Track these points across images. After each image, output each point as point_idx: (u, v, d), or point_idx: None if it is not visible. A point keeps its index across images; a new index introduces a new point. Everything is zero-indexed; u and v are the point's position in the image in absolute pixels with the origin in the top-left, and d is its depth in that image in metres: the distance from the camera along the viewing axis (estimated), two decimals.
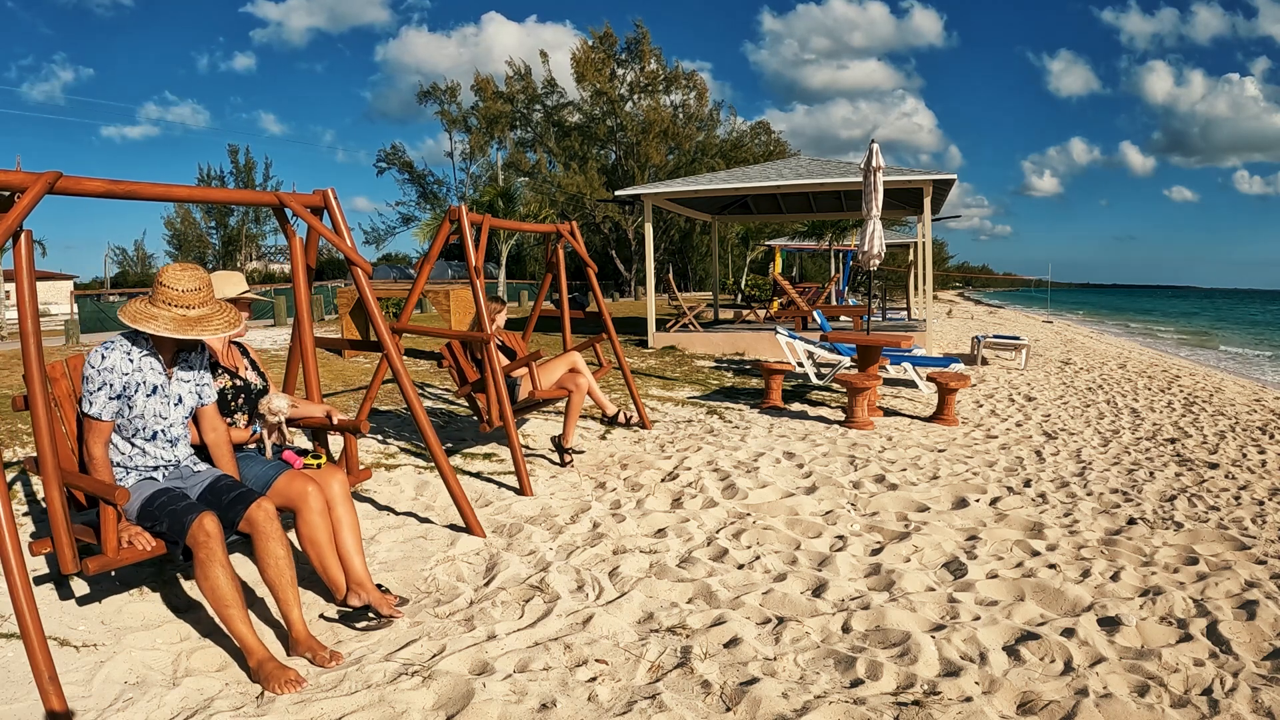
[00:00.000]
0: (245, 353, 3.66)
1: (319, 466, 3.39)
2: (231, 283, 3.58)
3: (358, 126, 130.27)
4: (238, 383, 3.51)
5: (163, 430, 3.01)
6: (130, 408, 2.91)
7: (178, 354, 3.06)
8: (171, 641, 3.02)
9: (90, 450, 2.88)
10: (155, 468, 3.03)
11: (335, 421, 3.64)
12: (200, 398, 3.15)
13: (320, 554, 3.20)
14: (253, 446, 3.50)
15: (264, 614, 3.22)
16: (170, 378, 3.02)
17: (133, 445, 2.98)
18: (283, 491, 3.19)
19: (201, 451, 3.28)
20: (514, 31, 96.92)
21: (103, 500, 2.72)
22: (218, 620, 2.79)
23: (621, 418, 6.22)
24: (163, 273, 2.94)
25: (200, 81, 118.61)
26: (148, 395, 2.94)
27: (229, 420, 3.46)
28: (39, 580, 3.31)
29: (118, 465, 2.98)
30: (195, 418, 3.21)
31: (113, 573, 3.45)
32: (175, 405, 3.03)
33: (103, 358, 2.87)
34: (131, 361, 2.91)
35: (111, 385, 2.86)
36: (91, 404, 2.85)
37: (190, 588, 3.43)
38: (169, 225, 56.68)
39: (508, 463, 5.69)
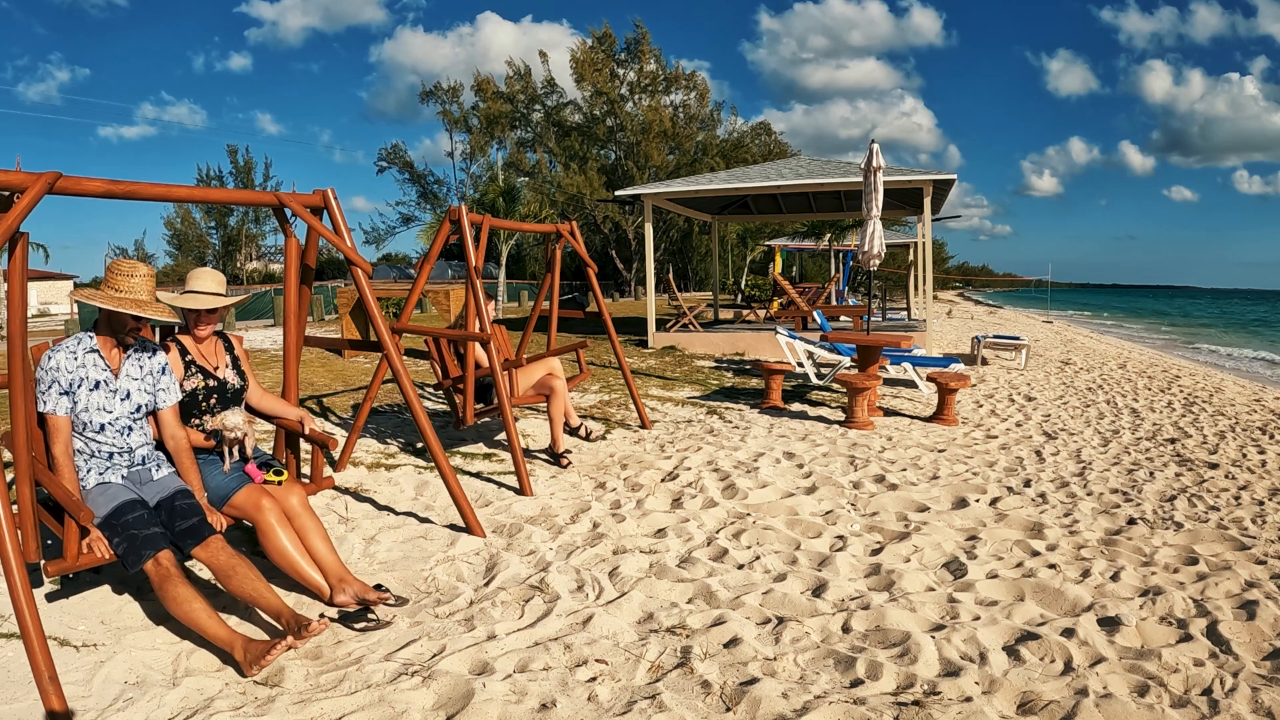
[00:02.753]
0: (230, 348, 3.61)
1: (279, 483, 3.40)
2: (211, 280, 3.47)
3: (355, 126, 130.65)
4: (211, 383, 3.46)
5: (109, 422, 3.06)
6: (75, 402, 2.99)
7: (127, 352, 3.13)
8: (171, 641, 3.02)
9: (51, 451, 2.94)
10: (110, 456, 3.08)
11: (306, 431, 3.62)
12: (155, 400, 3.21)
13: (290, 563, 3.23)
14: (217, 454, 3.46)
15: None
16: (117, 374, 3.09)
17: (85, 436, 3.04)
18: (240, 505, 3.28)
19: (166, 448, 3.29)
20: (510, 31, 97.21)
21: (68, 514, 2.77)
22: (189, 625, 2.86)
23: (583, 431, 6.24)
24: (115, 263, 3.05)
25: (196, 81, 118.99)
26: (90, 390, 3.01)
27: (198, 421, 3.43)
28: (39, 580, 3.31)
29: (77, 453, 3.04)
30: (156, 419, 3.25)
31: (94, 574, 3.45)
32: (122, 400, 3.09)
33: (49, 358, 2.97)
34: (75, 358, 3.00)
35: (59, 382, 2.95)
36: (45, 402, 2.93)
37: None
38: (169, 225, 56.74)
39: (508, 463, 5.69)
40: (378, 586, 3.43)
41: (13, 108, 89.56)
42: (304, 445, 3.98)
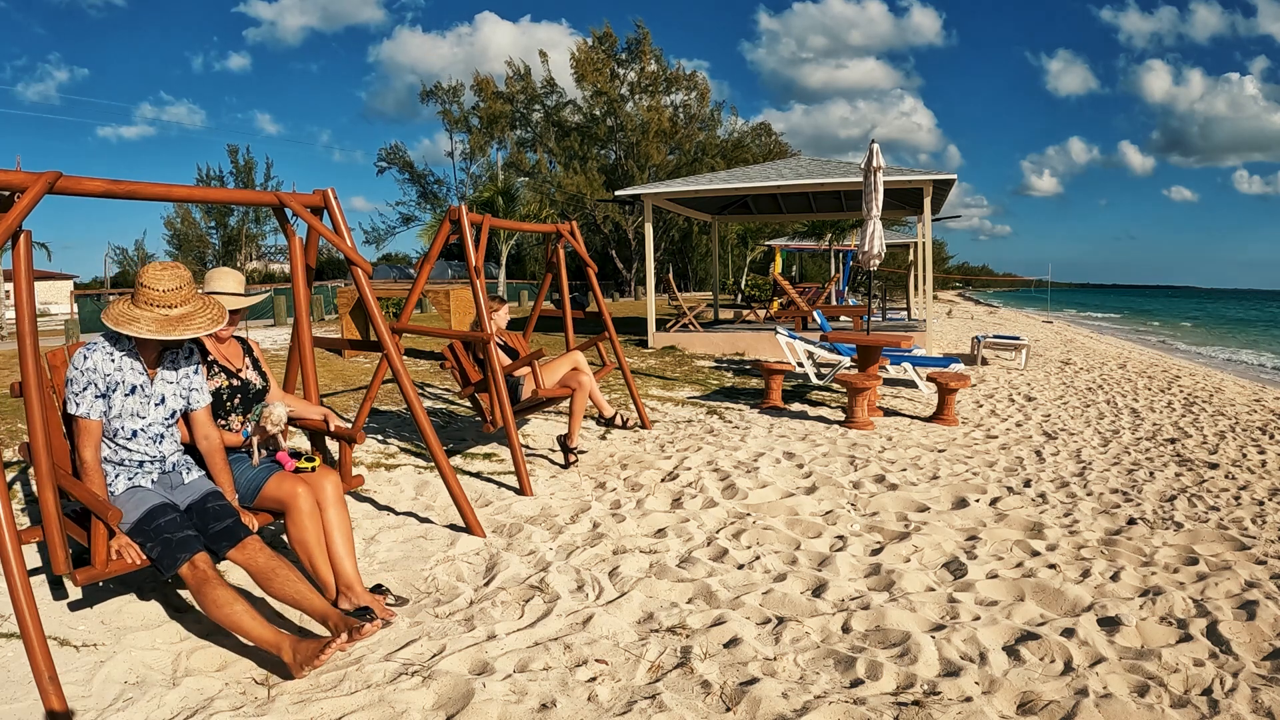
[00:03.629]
0: (249, 350, 3.59)
1: (313, 469, 3.36)
2: (231, 280, 3.49)
3: (354, 126, 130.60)
4: (235, 383, 3.44)
5: (142, 429, 2.96)
6: (110, 407, 2.89)
7: (162, 354, 3.03)
8: (171, 641, 3.02)
9: (81, 454, 2.85)
10: (140, 464, 2.98)
11: (332, 427, 3.58)
12: (189, 402, 3.11)
13: (309, 553, 3.18)
14: (245, 451, 3.43)
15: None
16: (153, 378, 2.99)
17: (115, 443, 2.94)
18: (272, 494, 3.20)
19: (194, 451, 3.23)
20: (509, 31, 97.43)
21: (95, 517, 2.69)
22: (231, 629, 2.78)
23: (619, 420, 6.25)
24: (143, 273, 2.91)
25: (195, 81, 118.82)
26: (126, 394, 2.91)
27: (222, 422, 3.40)
28: (39, 580, 3.31)
29: (105, 460, 2.94)
30: (187, 421, 3.16)
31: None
32: (157, 405, 2.99)
33: (85, 358, 2.86)
34: (113, 361, 2.90)
35: (96, 385, 2.85)
36: (78, 404, 2.82)
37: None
38: (169, 225, 56.61)
39: (508, 463, 5.69)
40: (378, 586, 3.44)
41: (11, 107, 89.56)
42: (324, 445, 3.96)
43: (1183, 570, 3.82)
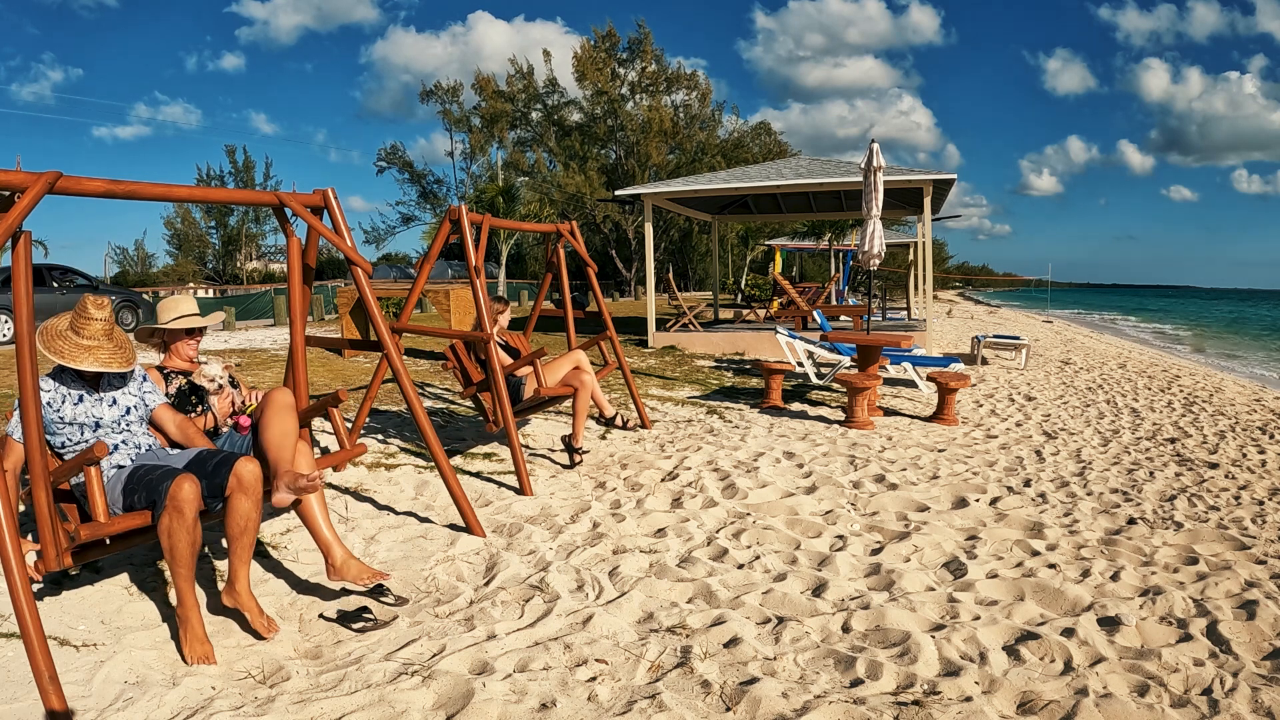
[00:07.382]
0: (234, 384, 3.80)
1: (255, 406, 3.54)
2: (185, 304, 3.74)
3: (350, 126, 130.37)
4: (191, 382, 3.65)
5: (102, 421, 3.14)
6: (62, 417, 3.07)
7: (99, 378, 3.24)
8: (171, 641, 3.01)
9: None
10: (115, 447, 3.14)
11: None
12: (144, 401, 3.31)
13: (278, 440, 3.22)
14: (225, 432, 3.62)
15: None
16: (97, 388, 3.19)
17: (85, 441, 3.09)
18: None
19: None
20: (503, 30, 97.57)
21: (85, 465, 2.77)
22: (167, 574, 2.91)
23: (619, 420, 6.27)
24: (78, 310, 3.11)
25: (190, 81, 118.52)
26: (75, 404, 3.10)
27: (194, 414, 3.60)
28: (39, 580, 3.30)
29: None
30: (155, 425, 3.34)
31: (94, 572, 3.45)
32: (109, 406, 3.19)
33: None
34: (53, 380, 3.11)
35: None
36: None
37: None
38: (169, 225, 56.56)
39: (508, 462, 5.69)
40: (379, 587, 3.44)
41: (8, 107, 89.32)
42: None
43: (1183, 570, 3.82)
